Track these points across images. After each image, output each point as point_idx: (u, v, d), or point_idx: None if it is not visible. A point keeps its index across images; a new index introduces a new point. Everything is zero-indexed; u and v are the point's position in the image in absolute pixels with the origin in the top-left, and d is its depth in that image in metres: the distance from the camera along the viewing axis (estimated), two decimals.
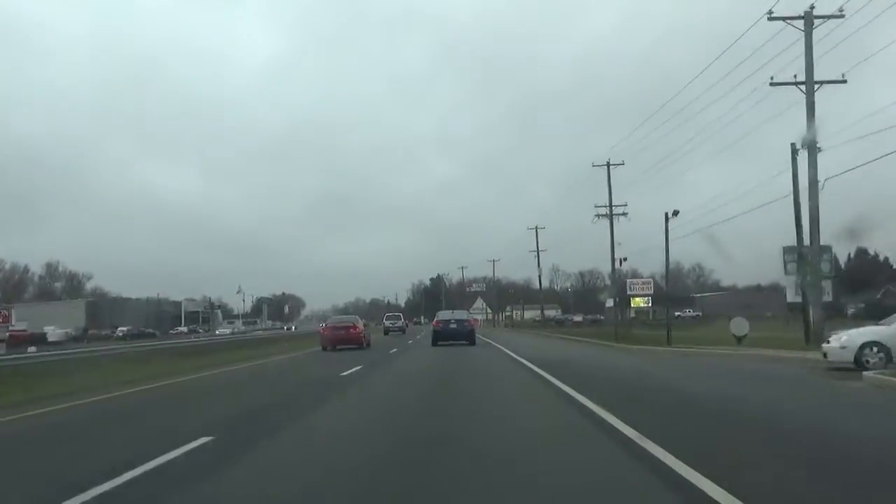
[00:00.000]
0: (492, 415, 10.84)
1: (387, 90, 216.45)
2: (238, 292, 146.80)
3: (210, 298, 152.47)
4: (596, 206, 33.72)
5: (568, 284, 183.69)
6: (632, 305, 46.34)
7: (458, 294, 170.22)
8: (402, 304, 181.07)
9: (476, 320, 44.37)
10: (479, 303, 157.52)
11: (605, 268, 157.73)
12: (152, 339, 72.07)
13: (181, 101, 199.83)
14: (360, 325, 36.67)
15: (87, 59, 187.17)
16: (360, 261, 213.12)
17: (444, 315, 36.46)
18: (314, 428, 9.87)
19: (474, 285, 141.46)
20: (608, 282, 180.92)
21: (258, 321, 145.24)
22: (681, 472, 6.08)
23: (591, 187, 76.59)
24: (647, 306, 47.57)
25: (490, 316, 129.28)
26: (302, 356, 30.70)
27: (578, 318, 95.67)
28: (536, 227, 58.37)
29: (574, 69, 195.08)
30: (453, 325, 33.98)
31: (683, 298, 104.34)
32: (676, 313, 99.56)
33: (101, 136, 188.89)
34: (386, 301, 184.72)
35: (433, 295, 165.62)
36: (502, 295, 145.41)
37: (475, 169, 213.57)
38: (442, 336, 33.44)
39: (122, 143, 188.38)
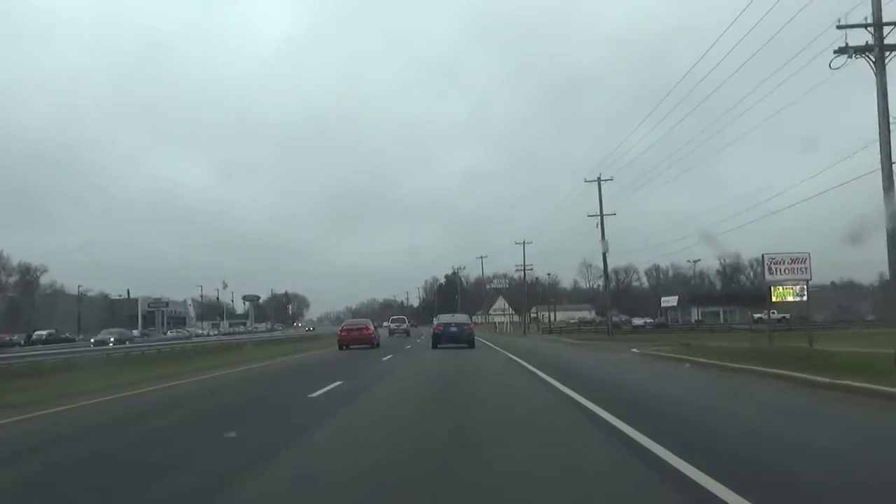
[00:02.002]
0: None
1: (410, 76, 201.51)
2: (225, 288, 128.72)
3: (202, 295, 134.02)
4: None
5: (599, 283, 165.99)
6: (773, 299, 26.86)
7: (476, 292, 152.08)
8: (415, 305, 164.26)
9: (474, 324, 42.00)
10: (501, 302, 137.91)
11: (643, 263, 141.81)
12: (70, 344, 53.39)
13: (190, 91, 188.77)
14: (372, 327, 39.39)
15: (88, 43, 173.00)
16: (375, 260, 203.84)
17: (443, 318, 36.32)
18: None
19: (495, 281, 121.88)
20: (645, 281, 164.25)
21: (247, 323, 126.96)
22: None
23: (625, 177, 61.04)
24: (802, 299, 27.96)
25: (513, 318, 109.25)
26: (243, 372, 21.41)
27: (638, 320, 75.56)
28: (600, 178, 38.88)
29: (611, 49, 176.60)
30: (453, 329, 34.17)
31: (761, 297, 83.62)
32: (756, 315, 79.79)
33: (95, 126, 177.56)
34: (400, 302, 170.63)
35: (448, 294, 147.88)
36: (529, 293, 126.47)
37: (500, 159, 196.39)
38: (442, 339, 33.66)
39: (119, 132, 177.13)
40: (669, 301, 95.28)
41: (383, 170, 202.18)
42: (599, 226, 38.29)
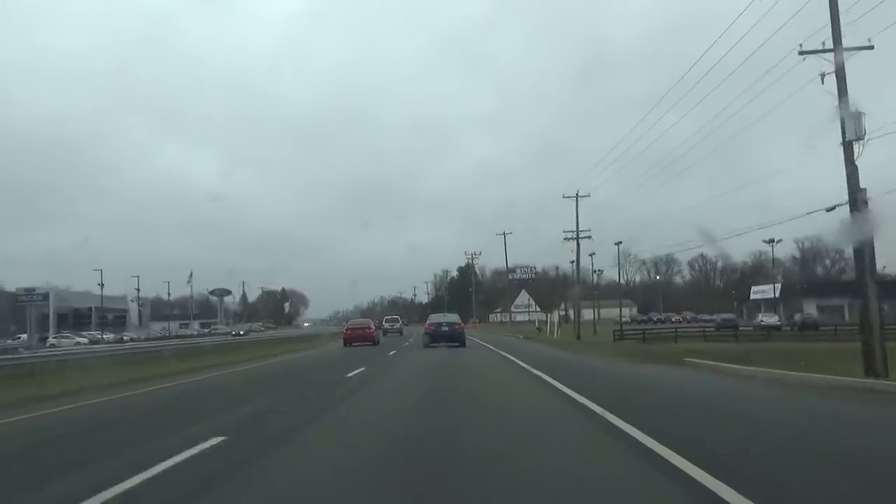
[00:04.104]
0: None
1: (427, 59, 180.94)
2: (188, 282, 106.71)
3: (195, 295, 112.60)
4: None
5: (636, 277, 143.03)
6: None
7: (493, 286, 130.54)
8: (424, 302, 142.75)
9: (464, 324, 38.74)
10: (524, 297, 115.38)
11: (685, 253, 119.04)
12: None
13: (190, 79, 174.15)
14: (373, 326, 43.05)
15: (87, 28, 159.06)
16: (385, 256, 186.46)
17: (435, 318, 37.80)
18: None
19: (518, 271, 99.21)
20: (686, 273, 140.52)
21: (216, 322, 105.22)
22: None
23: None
24: None
25: (545, 316, 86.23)
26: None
27: (769, 317, 51.60)
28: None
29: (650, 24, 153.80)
30: (445, 328, 35.11)
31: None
32: None
33: (88, 116, 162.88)
34: (408, 299, 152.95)
35: (461, 288, 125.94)
36: (554, 288, 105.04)
37: (522, 147, 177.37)
38: (434, 338, 34.34)
39: (114, 123, 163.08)
40: (763, 291, 71.93)
41: (396, 160, 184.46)
42: (837, 72, 15.03)
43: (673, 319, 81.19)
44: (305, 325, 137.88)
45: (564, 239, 47.47)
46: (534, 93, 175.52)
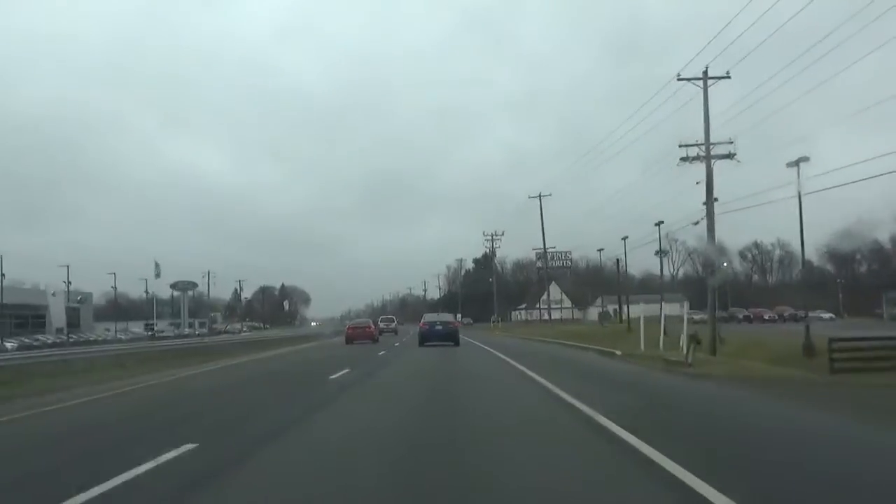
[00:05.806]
0: None
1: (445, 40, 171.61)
2: (157, 276, 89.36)
3: (188, 295, 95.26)
4: None
5: (683, 269, 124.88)
6: None
7: (514, 280, 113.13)
8: (437, 297, 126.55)
9: (459, 322, 40.39)
10: (555, 291, 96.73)
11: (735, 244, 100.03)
12: None
13: (197, 64, 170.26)
14: (373, 325, 48.09)
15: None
16: (397, 252, 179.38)
17: (429, 317, 39.33)
18: None
19: (552, 257, 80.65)
20: (736, 265, 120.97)
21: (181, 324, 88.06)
22: None
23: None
24: None
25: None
26: None
27: None
28: None
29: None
30: (438, 327, 35.97)
31: None
32: None
33: (77, 100, 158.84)
34: (420, 296, 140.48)
35: (479, 279, 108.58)
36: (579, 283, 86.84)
37: (550, 133, 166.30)
38: (428, 337, 35.16)
39: (108, 113, 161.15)
40: None
41: (411, 150, 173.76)
42: None
43: (766, 317, 62.08)
44: (313, 324, 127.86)
45: (681, 159, 26.94)
46: (561, 75, 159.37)
